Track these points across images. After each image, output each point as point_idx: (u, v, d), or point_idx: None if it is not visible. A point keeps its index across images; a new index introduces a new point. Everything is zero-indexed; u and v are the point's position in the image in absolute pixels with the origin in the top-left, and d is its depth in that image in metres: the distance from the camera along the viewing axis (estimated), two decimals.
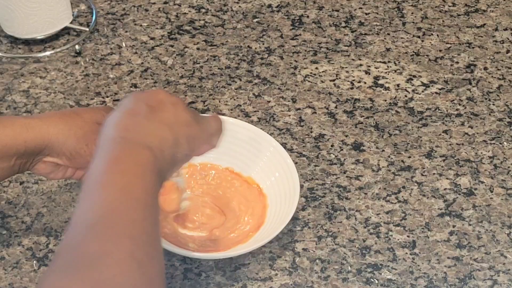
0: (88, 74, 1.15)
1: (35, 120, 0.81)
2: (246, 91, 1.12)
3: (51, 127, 0.81)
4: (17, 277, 0.88)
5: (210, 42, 1.21)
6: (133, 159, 0.64)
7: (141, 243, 0.58)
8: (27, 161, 0.81)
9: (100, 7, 1.28)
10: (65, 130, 0.81)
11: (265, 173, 0.94)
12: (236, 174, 0.96)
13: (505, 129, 1.06)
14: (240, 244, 0.88)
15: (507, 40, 1.21)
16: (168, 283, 0.87)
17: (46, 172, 0.83)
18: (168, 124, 0.69)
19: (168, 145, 0.68)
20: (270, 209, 0.91)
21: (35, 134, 0.80)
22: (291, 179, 0.91)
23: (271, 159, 0.94)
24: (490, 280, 0.87)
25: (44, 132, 0.80)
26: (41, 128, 0.80)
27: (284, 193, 0.91)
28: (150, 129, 0.67)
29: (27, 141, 0.79)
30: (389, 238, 0.92)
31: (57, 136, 0.80)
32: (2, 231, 0.93)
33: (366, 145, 1.03)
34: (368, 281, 0.87)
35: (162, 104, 0.70)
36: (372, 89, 1.12)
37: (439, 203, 0.96)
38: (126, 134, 0.66)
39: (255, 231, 0.90)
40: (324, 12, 1.27)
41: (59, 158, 0.82)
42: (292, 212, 0.87)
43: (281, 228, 0.86)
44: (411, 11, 1.27)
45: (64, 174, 0.84)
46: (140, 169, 0.63)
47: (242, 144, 0.96)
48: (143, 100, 0.70)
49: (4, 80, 1.14)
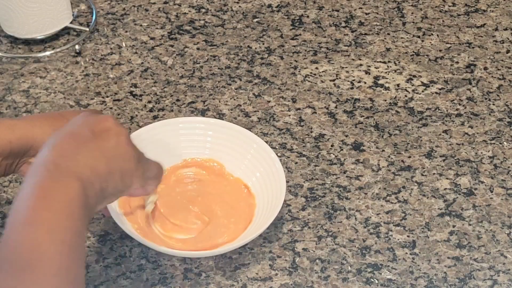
0: (88, 74, 1.15)
1: (20, 122, 0.82)
2: (246, 91, 1.12)
3: (36, 128, 0.81)
4: None
5: (210, 42, 1.21)
6: (61, 193, 0.63)
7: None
8: (12, 162, 0.81)
9: (100, 7, 1.28)
10: (50, 131, 0.81)
11: (250, 170, 0.94)
12: (222, 175, 0.95)
13: (505, 129, 1.06)
14: (228, 243, 0.88)
15: (507, 40, 1.21)
16: (168, 283, 0.87)
17: None
18: (106, 156, 0.68)
19: (99, 178, 0.67)
20: (257, 209, 0.91)
21: (20, 135, 0.80)
22: (277, 174, 0.91)
23: (255, 155, 0.94)
24: (490, 280, 0.87)
25: (29, 133, 0.80)
26: (26, 129, 0.81)
27: (271, 189, 0.91)
28: (86, 158, 0.67)
29: (12, 142, 0.79)
30: (389, 238, 0.92)
31: (42, 137, 0.80)
32: (2, 231, 0.93)
33: (366, 145, 1.03)
34: (368, 281, 0.87)
35: (106, 133, 0.69)
36: (372, 89, 1.12)
37: (439, 203, 0.96)
38: (60, 161, 0.65)
39: (243, 230, 0.90)
40: (324, 12, 1.27)
41: None
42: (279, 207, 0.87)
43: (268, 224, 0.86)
44: (411, 11, 1.27)
45: None
46: (67, 206, 0.63)
47: (225, 144, 0.96)
48: (89, 125, 0.69)
49: (4, 80, 1.14)
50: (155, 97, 1.11)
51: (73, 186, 0.64)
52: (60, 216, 0.62)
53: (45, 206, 0.62)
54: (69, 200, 0.63)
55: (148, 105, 1.10)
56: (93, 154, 0.67)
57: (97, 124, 0.70)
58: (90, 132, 0.69)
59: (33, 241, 0.60)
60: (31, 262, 0.59)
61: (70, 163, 0.66)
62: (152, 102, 1.10)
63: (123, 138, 0.71)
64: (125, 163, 0.70)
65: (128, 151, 0.71)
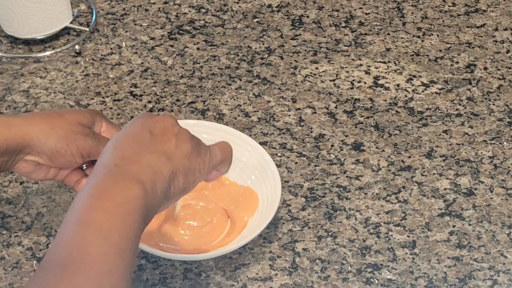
0: (88, 74, 1.15)
1: (17, 119, 0.82)
2: (246, 91, 1.12)
3: (32, 126, 0.81)
4: (17, 277, 0.88)
5: (210, 42, 1.21)
6: (119, 195, 0.63)
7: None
8: (8, 159, 0.81)
9: (100, 7, 1.28)
10: (47, 129, 0.81)
11: (246, 173, 0.94)
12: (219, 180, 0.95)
13: (505, 129, 1.06)
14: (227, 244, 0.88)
15: (507, 40, 1.21)
16: (168, 283, 0.87)
17: (27, 171, 0.83)
18: (168, 157, 0.68)
19: (162, 179, 0.67)
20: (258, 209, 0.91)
21: (16, 132, 0.80)
22: (272, 175, 0.91)
23: (250, 158, 0.94)
24: (490, 280, 0.87)
25: (25, 131, 0.80)
26: (23, 126, 0.81)
27: (267, 190, 0.91)
28: (147, 161, 0.66)
29: (8, 139, 0.79)
30: (389, 238, 0.92)
31: (38, 134, 0.80)
32: (2, 231, 0.93)
33: (366, 145, 1.03)
34: (368, 281, 0.87)
35: (165, 133, 0.69)
36: (372, 89, 1.12)
37: (439, 203, 0.96)
38: (121, 162, 0.65)
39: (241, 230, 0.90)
40: (324, 12, 1.27)
41: (40, 157, 0.82)
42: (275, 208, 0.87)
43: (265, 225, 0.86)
44: (411, 11, 1.27)
45: (46, 175, 0.84)
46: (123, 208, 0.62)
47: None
48: (148, 126, 0.69)
49: (4, 80, 1.14)
50: (155, 97, 1.11)
51: (132, 188, 0.63)
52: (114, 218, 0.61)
53: (100, 207, 0.62)
54: (125, 202, 0.62)
55: (148, 105, 1.10)
56: (155, 157, 0.67)
57: (156, 125, 0.70)
58: (150, 134, 0.69)
59: (81, 240, 0.59)
60: (75, 260, 0.58)
61: (133, 166, 0.65)
62: (152, 102, 1.10)
63: (183, 137, 0.70)
64: (187, 161, 0.70)
65: (189, 148, 0.70)
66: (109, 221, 0.61)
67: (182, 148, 0.70)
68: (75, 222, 0.61)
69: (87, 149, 0.82)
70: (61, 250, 0.60)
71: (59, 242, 0.60)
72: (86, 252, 0.59)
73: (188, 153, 0.70)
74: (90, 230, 0.60)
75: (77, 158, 0.82)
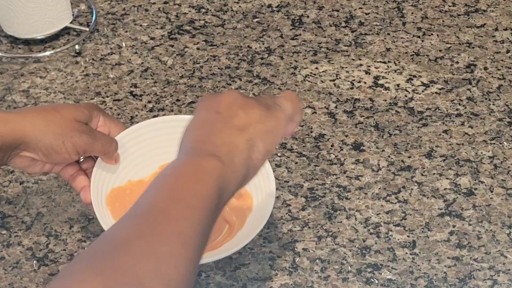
0: (88, 74, 1.15)
1: (13, 115, 0.82)
2: (246, 91, 1.12)
3: (28, 123, 0.81)
4: (17, 277, 0.88)
5: (210, 42, 1.21)
6: (198, 165, 0.65)
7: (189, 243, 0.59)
8: (4, 155, 0.81)
9: (100, 7, 1.28)
10: (43, 127, 0.81)
11: None
12: None
13: (505, 129, 1.06)
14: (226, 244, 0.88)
15: (507, 40, 1.21)
16: None
17: (23, 166, 0.84)
18: (240, 128, 0.69)
19: (238, 151, 0.68)
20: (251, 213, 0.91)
21: (11, 129, 0.80)
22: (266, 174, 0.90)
23: None
24: (490, 280, 0.87)
25: (20, 127, 0.80)
26: (19, 123, 0.81)
27: (261, 190, 0.90)
28: (220, 139, 0.67)
29: (4, 135, 0.79)
30: (389, 238, 0.92)
31: (34, 132, 0.81)
32: (2, 231, 0.93)
33: (366, 145, 1.03)
34: (368, 281, 0.87)
35: (231, 109, 0.70)
36: (372, 89, 1.12)
37: (439, 203, 0.96)
38: (197, 145, 0.67)
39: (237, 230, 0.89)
40: (324, 12, 1.27)
41: (35, 153, 0.82)
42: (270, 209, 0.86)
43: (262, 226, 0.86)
44: (411, 11, 1.27)
45: (42, 169, 0.85)
46: (201, 175, 0.64)
47: None
48: (213, 107, 0.70)
49: (4, 80, 1.14)
50: (155, 97, 1.11)
51: (211, 160, 0.65)
52: (190, 183, 0.63)
53: (179, 173, 0.64)
54: (205, 169, 0.64)
55: (148, 105, 1.10)
56: (227, 133, 0.68)
57: (220, 104, 0.70)
58: (216, 114, 0.69)
59: (156, 199, 0.61)
60: (165, 212, 0.60)
61: (208, 145, 0.67)
62: (152, 102, 1.10)
63: (249, 106, 0.71)
64: (261, 125, 0.70)
65: (259, 113, 0.71)
66: (184, 184, 0.63)
67: (252, 116, 0.70)
68: (154, 183, 0.63)
69: (82, 146, 0.82)
70: (144, 202, 0.61)
71: (140, 201, 0.62)
72: (161, 208, 0.60)
73: (259, 118, 0.70)
74: (164, 191, 0.62)
75: (72, 155, 0.83)
